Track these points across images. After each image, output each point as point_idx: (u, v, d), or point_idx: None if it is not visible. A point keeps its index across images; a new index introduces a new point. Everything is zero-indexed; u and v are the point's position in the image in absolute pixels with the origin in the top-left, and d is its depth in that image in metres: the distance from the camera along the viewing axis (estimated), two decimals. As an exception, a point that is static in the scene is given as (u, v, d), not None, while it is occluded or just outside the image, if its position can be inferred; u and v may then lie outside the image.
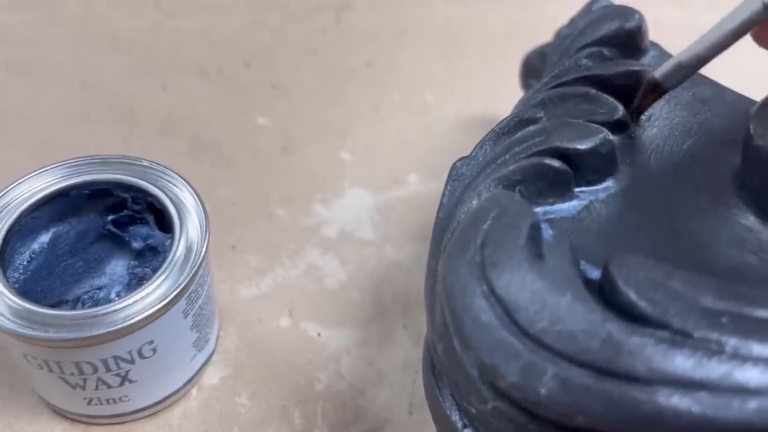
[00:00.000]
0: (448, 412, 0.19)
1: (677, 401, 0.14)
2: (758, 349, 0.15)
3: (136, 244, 0.26)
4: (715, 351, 0.15)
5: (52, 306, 0.24)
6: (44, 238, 0.26)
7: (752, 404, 0.14)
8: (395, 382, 0.28)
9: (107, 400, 0.24)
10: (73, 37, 0.44)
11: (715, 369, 0.14)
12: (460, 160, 0.22)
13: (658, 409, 0.14)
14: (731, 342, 0.15)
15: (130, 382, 0.24)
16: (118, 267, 0.27)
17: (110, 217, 0.26)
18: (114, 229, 0.26)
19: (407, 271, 0.32)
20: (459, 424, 0.19)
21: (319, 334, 0.30)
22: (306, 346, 0.29)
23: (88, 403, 0.25)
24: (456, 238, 0.18)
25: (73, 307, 0.25)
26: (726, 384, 0.14)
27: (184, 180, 0.26)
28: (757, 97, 0.20)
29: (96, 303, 0.26)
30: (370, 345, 0.30)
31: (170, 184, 0.26)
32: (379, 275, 0.32)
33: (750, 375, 0.14)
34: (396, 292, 0.31)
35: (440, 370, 0.19)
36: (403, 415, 0.27)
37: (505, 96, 0.34)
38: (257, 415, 0.27)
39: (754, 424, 0.14)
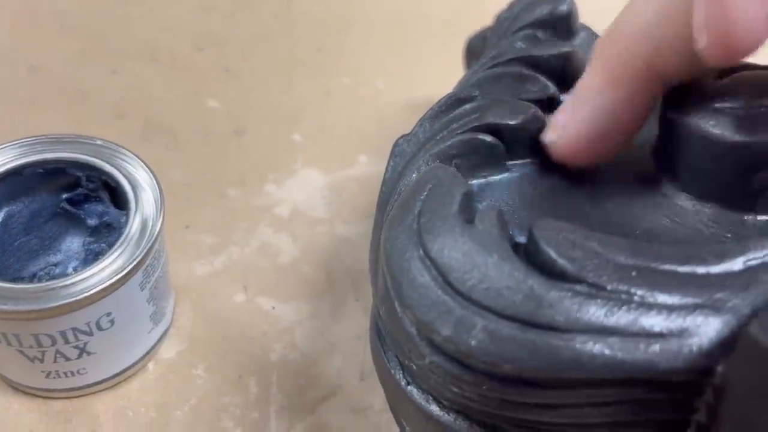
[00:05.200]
0: (392, 372, 0.20)
1: (591, 346, 0.16)
2: (662, 297, 0.16)
3: (92, 221, 0.27)
4: (625, 301, 0.16)
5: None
6: (-3, 217, 0.27)
7: (656, 347, 0.16)
8: (347, 351, 0.30)
9: (65, 373, 0.25)
10: (20, 22, 0.44)
11: (624, 316, 0.16)
12: (401, 137, 0.24)
13: (575, 355, 0.16)
14: (639, 292, 0.16)
15: (88, 354, 0.25)
16: (74, 243, 0.27)
17: (65, 196, 0.27)
18: (69, 207, 0.27)
19: (358, 247, 0.33)
20: (402, 382, 0.20)
21: (273, 308, 0.31)
22: (260, 319, 0.30)
23: (46, 377, 0.25)
24: (396, 208, 0.20)
25: (30, 283, 0.26)
26: (633, 329, 0.16)
27: (137, 157, 0.27)
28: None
29: (53, 278, 0.26)
30: (323, 317, 0.31)
31: (124, 162, 0.26)
32: (330, 251, 0.33)
33: (654, 321, 0.16)
34: (347, 266, 0.33)
35: (384, 333, 0.21)
36: (354, 382, 0.29)
37: (450, 80, 0.35)
38: (214, 385, 0.28)
39: (657, 363, 0.16)
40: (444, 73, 0.39)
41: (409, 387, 0.20)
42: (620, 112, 0.20)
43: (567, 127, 0.21)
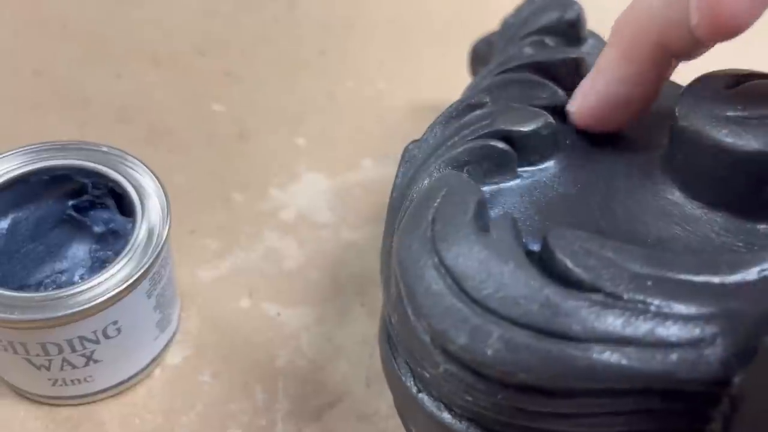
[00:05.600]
0: (403, 378, 0.20)
1: (608, 356, 0.16)
2: (678, 307, 0.16)
3: (98, 228, 0.27)
4: (642, 310, 0.16)
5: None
6: (3, 224, 0.27)
7: (673, 356, 0.16)
8: (353, 356, 0.30)
9: (72, 381, 0.25)
10: (23, 26, 0.43)
11: (641, 326, 0.16)
12: (412, 143, 0.24)
13: (591, 364, 0.16)
14: (655, 302, 0.16)
15: (95, 362, 0.25)
16: (80, 251, 0.27)
17: (70, 203, 0.27)
18: (75, 214, 0.27)
19: (363, 252, 0.33)
20: (414, 390, 0.20)
21: (278, 314, 0.31)
22: (266, 325, 0.30)
23: (53, 384, 0.25)
24: (409, 215, 0.20)
25: (36, 291, 0.26)
26: (650, 339, 0.16)
27: (143, 164, 0.26)
28: (686, 83, 0.22)
29: (59, 286, 0.26)
30: (329, 322, 0.31)
31: (130, 169, 0.26)
32: (336, 256, 0.33)
33: (671, 330, 0.16)
34: (352, 271, 0.33)
35: (395, 340, 0.21)
36: (360, 388, 0.29)
37: (454, 83, 0.35)
38: (220, 392, 0.28)
39: (675, 373, 0.16)
40: (448, 76, 0.39)
41: (420, 394, 0.20)
42: (633, 84, 0.22)
43: (586, 96, 0.23)
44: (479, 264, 0.17)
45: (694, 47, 0.21)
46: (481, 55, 0.34)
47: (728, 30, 0.18)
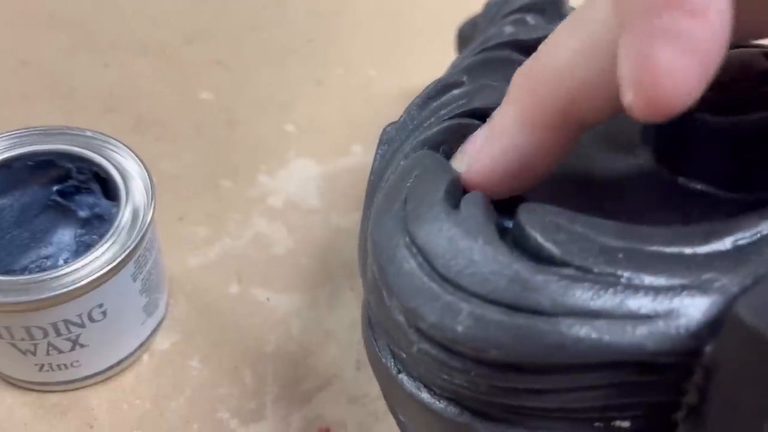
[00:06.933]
0: (384, 360, 0.20)
1: (578, 329, 0.16)
2: (649, 279, 0.16)
3: (83, 213, 0.27)
4: (612, 283, 0.16)
5: (-1, 277, 0.25)
6: (-13, 211, 0.27)
7: (643, 329, 0.16)
8: (343, 340, 0.30)
9: (59, 366, 0.25)
10: (11, 16, 0.43)
11: (611, 299, 0.16)
12: (390, 125, 0.23)
13: (561, 338, 0.16)
14: (626, 274, 0.16)
15: (81, 346, 0.25)
16: (65, 236, 0.27)
17: (55, 188, 0.27)
18: (59, 199, 0.27)
19: (352, 237, 0.33)
20: (394, 371, 0.20)
21: (268, 299, 0.31)
22: (255, 310, 0.30)
23: (39, 370, 0.25)
24: (383, 196, 0.20)
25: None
26: (620, 312, 0.16)
27: (127, 147, 0.26)
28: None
29: (44, 271, 0.26)
30: (318, 307, 0.31)
31: (114, 153, 0.26)
32: (325, 242, 0.33)
33: (641, 302, 0.16)
34: (342, 257, 0.33)
35: (375, 322, 0.21)
36: (350, 371, 0.29)
37: (443, 68, 0.35)
38: (209, 376, 0.28)
39: (645, 346, 0.16)
40: (437, 61, 0.38)
41: (400, 375, 0.20)
42: (532, 155, 0.19)
43: (476, 160, 0.19)
44: (449, 241, 0.17)
45: (615, 112, 0.17)
46: (466, 37, 0.34)
47: (670, 111, 0.15)
